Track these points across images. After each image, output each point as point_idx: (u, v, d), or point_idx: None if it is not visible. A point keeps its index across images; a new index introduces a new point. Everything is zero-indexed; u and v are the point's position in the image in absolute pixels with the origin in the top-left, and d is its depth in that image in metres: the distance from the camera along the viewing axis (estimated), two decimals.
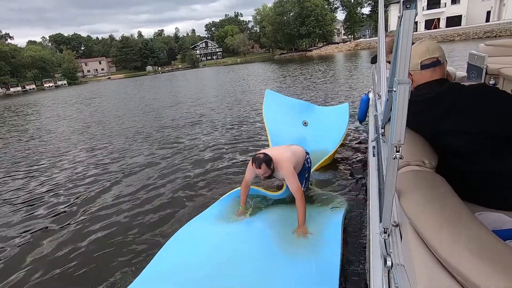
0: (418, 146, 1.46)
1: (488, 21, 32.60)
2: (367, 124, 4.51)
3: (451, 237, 0.79)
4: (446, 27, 36.34)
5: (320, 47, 53.89)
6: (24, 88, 52.09)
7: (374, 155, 2.41)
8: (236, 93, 12.36)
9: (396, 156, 0.88)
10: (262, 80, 16.93)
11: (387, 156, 0.94)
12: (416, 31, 38.24)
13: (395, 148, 0.88)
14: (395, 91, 0.83)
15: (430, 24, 38.67)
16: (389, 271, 0.97)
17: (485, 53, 3.36)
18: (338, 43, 54.50)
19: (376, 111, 2.71)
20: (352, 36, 60.85)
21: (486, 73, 3.30)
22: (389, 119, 1.92)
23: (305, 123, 4.56)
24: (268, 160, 2.51)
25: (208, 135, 6.11)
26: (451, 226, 0.83)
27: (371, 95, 4.39)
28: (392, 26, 39.31)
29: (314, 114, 4.76)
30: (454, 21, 36.53)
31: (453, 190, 1.05)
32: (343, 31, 64.31)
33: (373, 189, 1.86)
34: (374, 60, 4.73)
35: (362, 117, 4.67)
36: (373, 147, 2.49)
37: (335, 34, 61.69)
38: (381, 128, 1.99)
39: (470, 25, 33.13)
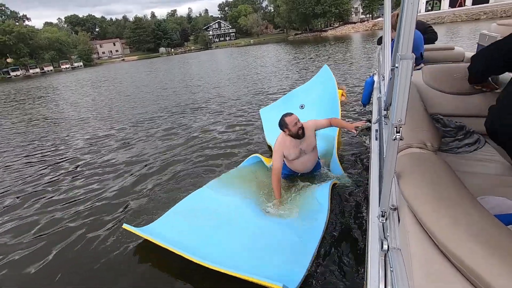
0: (421, 128, 1.43)
1: None
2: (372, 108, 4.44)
3: (450, 220, 0.77)
4: (472, 4, 34.02)
5: (336, 27, 51.83)
6: (43, 69, 53.37)
7: (376, 139, 2.45)
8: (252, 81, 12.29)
9: (396, 137, 0.84)
10: (275, 63, 16.65)
11: (388, 136, 0.91)
12: (440, 9, 36.10)
13: (395, 128, 0.83)
14: (397, 67, 0.79)
15: (455, 1, 36.29)
16: (385, 255, 0.95)
17: (497, 33, 3.21)
18: (355, 22, 52.19)
19: (380, 93, 2.71)
20: (370, 16, 58.06)
21: None
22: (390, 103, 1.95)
23: (301, 106, 4.64)
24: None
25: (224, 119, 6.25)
26: (450, 209, 0.80)
27: (375, 78, 4.31)
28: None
29: (305, 94, 4.87)
30: None
31: (454, 173, 1.01)
32: (361, 10, 61.34)
33: (374, 173, 1.84)
34: (380, 41, 4.59)
35: (366, 101, 4.55)
36: (376, 130, 2.52)
37: (352, 13, 58.99)
38: (384, 110, 1.98)
39: (499, 2, 30.86)
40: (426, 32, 3.53)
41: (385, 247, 0.93)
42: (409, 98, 0.80)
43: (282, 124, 2.63)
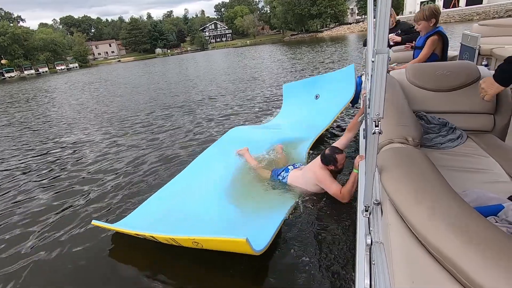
0: (403, 123, 1.45)
1: None
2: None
3: (429, 212, 0.77)
4: (466, 5, 34.40)
5: (332, 28, 52.11)
6: (38, 71, 52.89)
7: (364, 138, 2.50)
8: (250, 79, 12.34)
9: (375, 131, 0.84)
10: (272, 64, 16.71)
11: (368, 130, 0.95)
12: None
13: (374, 123, 0.84)
14: (373, 61, 0.80)
15: (449, 2, 36.65)
16: (370, 249, 0.96)
17: (478, 33, 3.30)
18: (350, 23, 52.54)
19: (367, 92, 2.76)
20: (366, 16, 58.37)
21: (478, 54, 3.25)
22: None
23: (316, 96, 4.75)
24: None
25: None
26: (429, 201, 0.81)
27: (363, 78, 4.38)
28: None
29: (324, 84, 4.91)
30: None
31: (435, 167, 1.02)
32: (356, 11, 61.73)
33: (362, 170, 1.93)
34: (365, 43, 4.70)
35: (355, 100, 4.64)
36: (363, 129, 2.57)
37: (348, 14, 59.37)
38: (369, 108, 2.06)
39: (492, 3, 31.24)
40: (410, 32, 3.61)
41: (369, 241, 0.94)
42: (392, 95, 0.80)
43: (331, 160, 2.56)
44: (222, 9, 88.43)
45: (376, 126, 0.84)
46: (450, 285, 0.65)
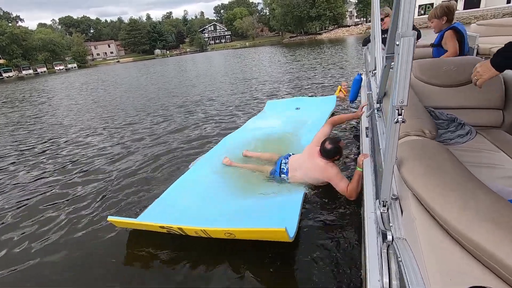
0: (417, 117, 1.41)
1: (510, 3, 30.90)
2: (358, 105, 4.52)
3: (459, 204, 0.73)
4: (464, 9, 34.69)
5: (330, 30, 52.36)
6: (36, 71, 52.70)
7: (367, 136, 2.47)
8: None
9: (398, 119, 0.80)
10: (269, 65, 16.72)
11: (389, 119, 0.87)
12: None
13: (397, 111, 0.80)
14: (397, 44, 0.76)
15: None
16: (388, 246, 0.91)
17: (476, 33, 3.31)
18: (349, 26, 52.81)
19: (370, 90, 2.74)
20: (365, 19, 58.74)
21: (477, 53, 3.25)
22: (385, 94, 1.97)
23: (297, 108, 5.25)
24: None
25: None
26: (459, 193, 0.77)
27: (363, 76, 4.40)
28: None
29: (305, 102, 5.58)
30: (473, 2, 34.76)
31: (457, 158, 0.98)
32: (355, 14, 62.11)
33: (367, 169, 1.86)
34: (365, 42, 4.77)
35: (354, 97, 4.69)
36: (366, 128, 2.54)
37: (347, 16, 59.69)
38: (377, 103, 2.01)
39: (490, 6, 31.52)
40: None
41: (389, 238, 0.89)
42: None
43: (336, 152, 2.57)
44: (222, 11, 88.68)
45: (399, 114, 0.80)
46: (487, 278, 0.62)
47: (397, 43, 0.77)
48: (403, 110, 0.80)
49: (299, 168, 2.77)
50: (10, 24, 56.53)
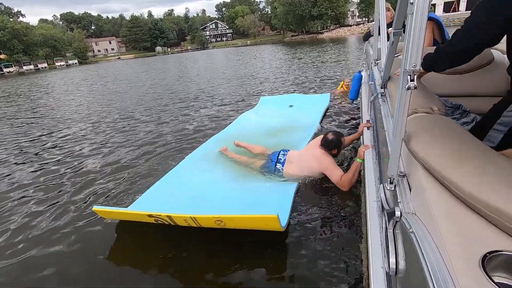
0: (425, 95, 1.38)
1: None
2: (359, 102, 4.47)
3: (475, 170, 0.71)
4: (466, 10, 34.59)
5: (332, 29, 52.28)
6: (37, 66, 52.61)
7: (368, 129, 2.44)
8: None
9: (410, 85, 0.75)
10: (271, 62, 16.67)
11: (400, 87, 0.82)
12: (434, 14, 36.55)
13: (409, 76, 0.75)
14: (412, 3, 0.72)
15: (449, 6, 36.83)
16: (395, 224, 0.88)
17: None
18: (351, 25, 52.73)
19: (373, 80, 2.70)
20: (366, 19, 58.64)
21: None
22: (389, 78, 1.93)
23: (290, 105, 5.33)
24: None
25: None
26: (474, 160, 0.75)
27: (364, 73, 4.35)
28: None
29: (299, 100, 5.62)
30: (476, 3, 34.65)
31: (467, 131, 0.95)
32: (357, 13, 61.97)
33: (369, 158, 1.86)
34: (366, 37, 4.72)
35: (354, 96, 4.63)
36: (367, 120, 2.51)
37: (349, 16, 59.58)
38: (381, 88, 1.98)
39: None
40: None
41: (398, 213, 0.85)
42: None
43: (336, 145, 2.57)
44: (223, 9, 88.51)
45: (411, 80, 0.75)
46: (506, 243, 0.60)
47: (411, 1, 0.72)
48: (415, 76, 0.76)
49: (295, 161, 2.75)
50: (11, 19, 56.43)
